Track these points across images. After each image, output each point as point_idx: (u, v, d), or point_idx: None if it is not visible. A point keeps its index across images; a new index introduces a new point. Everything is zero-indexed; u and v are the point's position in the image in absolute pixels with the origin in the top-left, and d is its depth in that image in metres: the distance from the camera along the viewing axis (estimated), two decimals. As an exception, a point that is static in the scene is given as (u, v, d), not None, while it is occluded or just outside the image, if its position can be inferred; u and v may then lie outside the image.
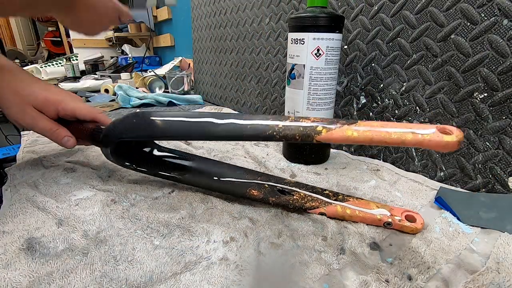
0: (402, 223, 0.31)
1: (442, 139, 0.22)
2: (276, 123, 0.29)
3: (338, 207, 0.34)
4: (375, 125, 0.25)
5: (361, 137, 0.25)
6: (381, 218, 0.32)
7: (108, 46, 2.27)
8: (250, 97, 0.80)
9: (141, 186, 0.41)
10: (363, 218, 0.33)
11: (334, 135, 0.27)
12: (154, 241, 0.30)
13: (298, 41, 0.44)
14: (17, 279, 0.25)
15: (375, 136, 0.25)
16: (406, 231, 0.31)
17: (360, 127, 0.26)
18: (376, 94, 0.49)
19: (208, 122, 0.31)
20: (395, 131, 0.24)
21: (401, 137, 0.24)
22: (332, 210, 0.34)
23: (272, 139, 0.29)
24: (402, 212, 0.33)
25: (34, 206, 0.35)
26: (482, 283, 0.24)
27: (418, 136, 0.23)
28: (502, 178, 0.37)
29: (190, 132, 0.33)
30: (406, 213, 0.33)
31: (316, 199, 0.35)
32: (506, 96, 0.35)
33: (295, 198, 0.35)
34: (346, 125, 0.26)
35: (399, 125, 0.25)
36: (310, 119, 0.29)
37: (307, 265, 0.27)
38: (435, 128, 0.23)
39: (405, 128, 0.24)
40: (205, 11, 0.94)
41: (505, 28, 0.34)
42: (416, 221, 0.32)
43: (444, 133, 0.23)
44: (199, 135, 0.33)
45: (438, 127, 0.23)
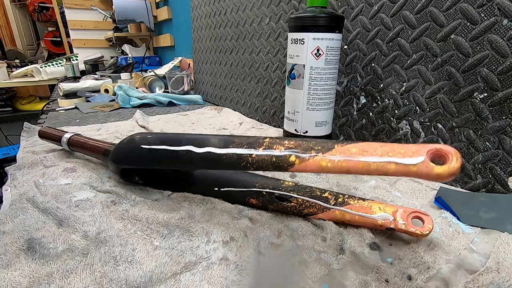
0: (407, 228, 0.29)
1: (432, 172, 0.19)
2: (249, 152, 0.28)
3: (336, 212, 0.33)
4: (353, 153, 0.23)
5: (336, 168, 0.23)
6: (383, 223, 0.30)
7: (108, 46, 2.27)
8: (250, 97, 0.80)
9: (141, 187, 0.41)
10: (363, 223, 0.31)
11: (308, 166, 0.25)
12: (154, 242, 0.30)
13: (298, 41, 0.44)
14: (17, 279, 0.25)
15: (352, 167, 0.22)
16: (411, 235, 0.29)
17: (336, 156, 0.23)
18: (376, 94, 0.49)
19: (187, 151, 0.32)
20: (375, 161, 0.21)
21: (382, 168, 0.21)
22: (330, 215, 0.33)
23: (248, 169, 0.29)
24: (410, 213, 0.30)
25: (34, 207, 0.35)
26: (482, 283, 0.24)
27: (402, 167, 0.20)
28: (502, 178, 0.37)
29: (173, 163, 0.34)
30: (414, 214, 0.30)
31: (314, 204, 0.34)
32: (506, 96, 0.35)
33: (292, 205, 0.34)
34: (320, 154, 0.24)
35: (384, 149, 0.22)
36: (285, 144, 0.27)
37: (306, 265, 0.27)
38: (425, 156, 0.19)
39: (387, 157, 0.21)
40: (205, 11, 0.94)
41: (505, 28, 0.34)
42: (424, 223, 0.29)
43: (437, 158, 0.19)
44: (182, 165, 0.35)
45: (431, 151, 0.20)
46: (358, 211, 0.32)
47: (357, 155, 0.22)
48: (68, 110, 0.91)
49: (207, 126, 0.73)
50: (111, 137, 0.60)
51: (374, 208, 0.32)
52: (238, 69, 0.83)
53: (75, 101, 1.01)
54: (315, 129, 0.47)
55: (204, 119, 0.79)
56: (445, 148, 0.19)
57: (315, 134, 0.47)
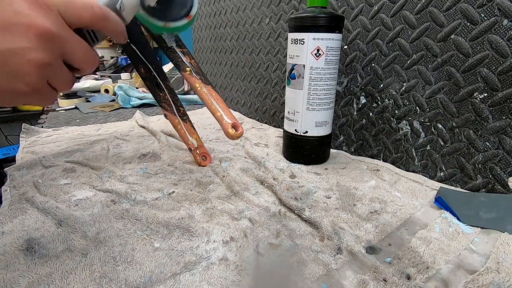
0: (195, 155, 0.49)
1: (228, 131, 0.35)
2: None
3: (176, 120, 0.47)
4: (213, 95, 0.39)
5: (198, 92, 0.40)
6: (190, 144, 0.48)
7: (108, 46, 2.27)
8: (250, 97, 0.80)
9: (141, 186, 0.41)
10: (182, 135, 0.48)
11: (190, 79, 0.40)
12: (153, 242, 0.30)
13: (298, 41, 0.43)
14: (16, 279, 0.24)
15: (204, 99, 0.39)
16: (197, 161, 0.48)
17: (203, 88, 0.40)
18: (376, 94, 0.49)
19: None
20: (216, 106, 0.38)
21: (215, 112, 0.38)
22: (172, 118, 0.47)
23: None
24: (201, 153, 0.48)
25: (33, 207, 0.35)
26: (482, 283, 0.24)
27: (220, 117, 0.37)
28: (502, 178, 0.37)
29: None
30: (203, 154, 0.49)
31: (169, 104, 0.46)
32: (506, 96, 0.35)
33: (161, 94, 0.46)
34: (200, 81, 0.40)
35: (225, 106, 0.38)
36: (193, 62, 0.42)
37: (305, 265, 0.27)
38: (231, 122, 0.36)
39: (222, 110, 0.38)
40: (205, 11, 0.94)
41: (505, 28, 0.34)
42: (206, 160, 0.49)
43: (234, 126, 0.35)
44: None
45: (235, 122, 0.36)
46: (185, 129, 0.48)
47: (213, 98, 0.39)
48: (68, 110, 0.91)
49: (207, 126, 0.73)
50: (111, 137, 0.60)
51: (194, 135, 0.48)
52: (238, 69, 0.83)
53: (75, 101, 1.01)
54: (315, 129, 0.47)
55: (204, 119, 0.79)
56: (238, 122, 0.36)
57: (315, 134, 0.47)
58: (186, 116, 0.48)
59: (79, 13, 0.21)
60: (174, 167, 0.48)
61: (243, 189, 0.40)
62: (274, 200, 0.38)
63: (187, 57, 0.41)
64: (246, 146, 0.57)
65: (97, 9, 0.21)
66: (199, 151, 0.49)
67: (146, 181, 0.43)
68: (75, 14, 0.21)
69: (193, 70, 0.40)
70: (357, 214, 0.35)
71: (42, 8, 0.19)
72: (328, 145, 0.51)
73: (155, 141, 0.59)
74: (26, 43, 0.19)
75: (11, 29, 0.18)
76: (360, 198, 0.38)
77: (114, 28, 0.23)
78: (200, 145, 0.49)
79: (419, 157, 0.45)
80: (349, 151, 0.55)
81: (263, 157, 0.51)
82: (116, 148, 0.56)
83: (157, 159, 0.51)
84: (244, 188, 0.41)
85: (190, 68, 0.40)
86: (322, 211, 0.35)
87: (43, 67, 0.19)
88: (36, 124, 0.74)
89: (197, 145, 0.49)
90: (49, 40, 0.19)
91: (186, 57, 0.41)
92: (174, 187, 0.41)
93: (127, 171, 0.46)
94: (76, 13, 0.21)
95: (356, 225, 0.33)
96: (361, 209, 0.36)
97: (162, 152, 0.53)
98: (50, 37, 0.19)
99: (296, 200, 0.38)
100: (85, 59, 0.22)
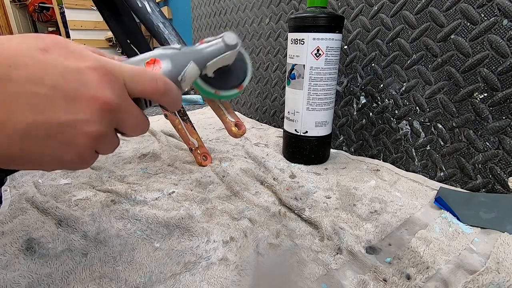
0: (196, 155, 0.49)
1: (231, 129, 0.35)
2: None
3: (177, 120, 0.47)
4: None
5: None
6: (190, 144, 0.49)
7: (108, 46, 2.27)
8: (250, 97, 0.80)
9: (141, 186, 0.41)
10: (183, 135, 0.49)
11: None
12: (153, 242, 0.30)
13: (298, 41, 0.43)
14: (16, 279, 0.24)
15: None
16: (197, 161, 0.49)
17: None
18: (376, 94, 0.49)
19: None
20: None
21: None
22: (172, 118, 0.48)
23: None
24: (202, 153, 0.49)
25: (33, 207, 0.35)
26: (481, 283, 0.24)
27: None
28: (502, 178, 0.37)
29: None
30: (203, 155, 0.49)
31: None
32: (506, 96, 0.35)
33: None
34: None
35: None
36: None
37: (305, 265, 0.27)
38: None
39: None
40: (205, 11, 0.94)
41: (505, 28, 0.34)
42: (207, 159, 0.49)
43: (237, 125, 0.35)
44: None
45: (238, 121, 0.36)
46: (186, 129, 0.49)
47: None
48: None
49: (207, 126, 0.73)
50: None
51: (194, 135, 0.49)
52: (238, 69, 0.83)
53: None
54: (315, 129, 0.47)
55: (204, 119, 0.79)
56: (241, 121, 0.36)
57: (315, 134, 0.47)
58: (186, 116, 0.48)
59: (144, 87, 0.20)
60: (174, 167, 0.48)
61: (243, 189, 0.40)
62: (274, 200, 0.38)
63: None
64: (246, 146, 0.57)
65: (161, 83, 0.21)
66: (199, 151, 0.49)
67: (146, 181, 0.43)
68: (139, 87, 0.20)
69: None
70: (357, 214, 0.35)
71: (110, 81, 0.18)
72: (328, 145, 0.51)
73: (155, 141, 0.59)
74: (87, 115, 0.18)
75: (76, 100, 0.17)
76: (360, 198, 0.38)
77: (172, 101, 0.22)
78: (201, 145, 0.49)
79: (419, 157, 0.45)
80: (349, 151, 0.55)
81: (263, 157, 0.51)
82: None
83: (157, 159, 0.51)
84: (244, 188, 0.41)
85: None
86: (322, 211, 0.35)
87: (97, 138, 0.19)
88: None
89: (198, 145, 0.49)
90: (110, 113, 0.18)
91: None
92: (174, 187, 0.41)
93: (127, 171, 0.46)
94: (140, 86, 0.20)
95: (356, 225, 0.33)
96: (361, 209, 0.36)
97: (162, 152, 0.53)
98: (111, 110, 0.18)
99: (296, 200, 0.38)
100: (137, 127, 0.21)
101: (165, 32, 0.40)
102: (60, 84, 0.17)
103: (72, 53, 0.18)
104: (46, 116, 0.16)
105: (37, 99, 0.16)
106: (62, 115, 0.17)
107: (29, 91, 0.16)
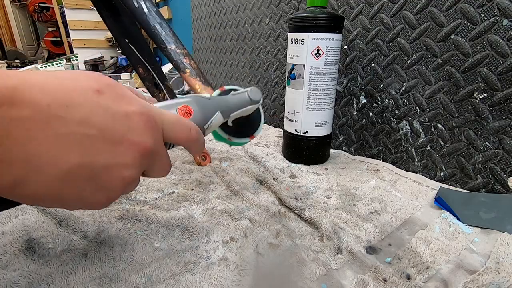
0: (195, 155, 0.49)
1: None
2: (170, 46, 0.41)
3: None
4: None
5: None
6: None
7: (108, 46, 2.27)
8: (250, 97, 0.80)
9: (141, 186, 0.41)
10: None
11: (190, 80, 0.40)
12: (153, 242, 0.30)
13: (298, 41, 0.43)
14: (16, 280, 0.24)
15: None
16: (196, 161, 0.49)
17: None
18: (376, 94, 0.49)
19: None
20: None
21: None
22: None
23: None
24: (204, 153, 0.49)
25: (33, 207, 0.35)
26: (481, 283, 0.24)
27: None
28: (502, 178, 0.37)
29: None
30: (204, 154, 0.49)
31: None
32: (506, 96, 0.35)
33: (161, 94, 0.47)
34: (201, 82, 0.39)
35: None
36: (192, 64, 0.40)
37: (305, 265, 0.27)
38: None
39: None
40: (205, 11, 0.94)
41: (505, 28, 0.34)
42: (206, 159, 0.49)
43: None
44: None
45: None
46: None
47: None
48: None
49: (207, 126, 0.73)
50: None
51: None
52: (238, 69, 0.83)
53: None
54: (315, 129, 0.47)
55: (204, 119, 0.79)
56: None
57: (315, 134, 0.47)
58: None
59: (179, 135, 0.20)
60: (174, 167, 0.48)
61: (243, 189, 0.40)
62: (274, 200, 0.38)
63: (186, 58, 0.41)
64: (246, 146, 0.57)
65: (194, 133, 0.21)
66: None
67: (146, 181, 0.43)
68: (176, 135, 0.20)
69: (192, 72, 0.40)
70: (357, 214, 0.35)
71: (153, 127, 0.18)
72: (328, 145, 0.51)
73: (155, 141, 0.59)
74: (128, 160, 0.17)
75: (122, 144, 0.17)
76: (360, 198, 0.38)
77: (199, 147, 0.22)
78: None
79: (419, 157, 0.45)
80: (349, 151, 0.55)
81: (263, 157, 0.51)
82: (116, 148, 0.56)
83: (157, 159, 0.51)
84: (244, 188, 0.41)
85: (190, 70, 0.40)
86: (322, 211, 0.35)
87: (130, 183, 0.18)
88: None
89: None
90: (147, 158, 0.18)
91: (186, 59, 0.41)
92: (174, 187, 0.41)
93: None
94: (177, 134, 0.20)
95: (356, 225, 0.33)
96: (361, 209, 0.36)
97: (162, 152, 0.53)
98: (149, 156, 0.18)
99: (296, 200, 0.38)
100: (163, 171, 0.21)
101: (162, 33, 0.40)
102: (110, 127, 0.16)
103: (122, 97, 0.18)
104: (91, 158, 0.16)
105: (86, 141, 0.16)
106: (107, 158, 0.17)
107: (80, 132, 0.15)
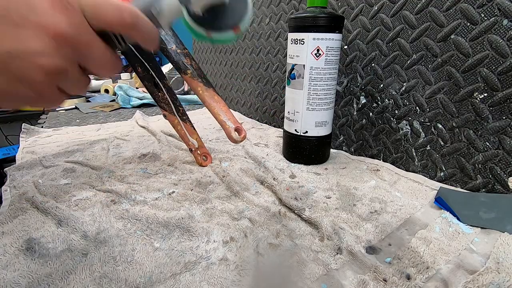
0: (196, 156, 0.49)
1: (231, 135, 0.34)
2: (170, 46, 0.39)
3: (176, 121, 0.47)
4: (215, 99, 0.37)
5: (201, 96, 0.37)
6: (190, 145, 0.48)
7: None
8: (250, 97, 0.80)
9: (141, 186, 0.41)
10: (182, 136, 0.48)
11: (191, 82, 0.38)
12: (153, 242, 0.30)
13: (298, 41, 0.43)
14: (16, 279, 0.24)
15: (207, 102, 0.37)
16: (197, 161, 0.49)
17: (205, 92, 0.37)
18: (376, 94, 0.49)
19: None
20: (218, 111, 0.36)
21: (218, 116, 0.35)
22: (171, 118, 0.47)
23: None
24: (205, 153, 0.49)
25: (33, 207, 0.35)
26: (482, 283, 0.24)
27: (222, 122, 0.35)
28: (502, 178, 0.37)
29: None
30: (204, 155, 0.49)
31: (168, 104, 0.46)
32: (506, 96, 0.35)
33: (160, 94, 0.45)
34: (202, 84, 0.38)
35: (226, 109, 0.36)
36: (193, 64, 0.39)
37: (305, 265, 0.27)
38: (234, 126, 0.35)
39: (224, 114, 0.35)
40: (205, 11, 0.94)
41: (505, 28, 0.34)
42: (207, 160, 0.49)
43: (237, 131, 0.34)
44: None
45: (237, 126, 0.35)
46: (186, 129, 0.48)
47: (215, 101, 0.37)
48: (69, 110, 0.91)
49: (207, 126, 0.73)
50: (111, 137, 0.60)
51: (194, 136, 0.48)
52: (238, 69, 0.83)
53: (75, 101, 1.01)
54: (315, 129, 0.47)
55: (204, 119, 0.79)
56: (241, 126, 0.35)
57: (315, 134, 0.47)
58: (185, 116, 0.48)
59: (106, 18, 0.18)
60: (174, 167, 0.48)
61: (243, 189, 0.40)
62: (274, 200, 0.38)
63: (187, 59, 0.41)
64: (246, 146, 0.57)
65: (126, 15, 0.18)
66: (200, 151, 0.49)
67: (146, 181, 0.43)
68: (101, 18, 0.18)
69: (194, 73, 0.40)
70: (357, 214, 0.35)
71: (64, 8, 0.16)
72: (328, 145, 0.51)
73: (155, 141, 0.59)
74: (38, 46, 0.16)
75: (23, 27, 0.15)
76: (360, 198, 0.38)
77: (145, 36, 0.20)
78: (201, 145, 0.49)
79: (419, 157, 0.45)
80: (349, 151, 0.55)
81: (263, 157, 0.51)
82: (116, 148, 0.56)
83: (157, 159, 0.51)
84: (244, 188, 0.41)
85: (191, 71, 0.40)
86: (322, 211, 0.35)
87: (54, 73, 0.17)
88: (36, 124, 0.74)
89: (198, 146, 0.49)
90: (66, 45, 0.17)
91: (187, 59, 0.41)
92: (174, 187, 0.41)
93: (127, 171, 0.46)
94: (102, 18, 0.18)
95: (356, 225, 0.33)
96: (361, 209, 0.36)
97: (162, 152, 0.53)
98: (67, 41, 0.17)
99: (296, 200, 0.38)
100: (104, 65, 0.19)
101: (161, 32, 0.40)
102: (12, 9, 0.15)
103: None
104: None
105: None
106: (11, 44, 0.15)
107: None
